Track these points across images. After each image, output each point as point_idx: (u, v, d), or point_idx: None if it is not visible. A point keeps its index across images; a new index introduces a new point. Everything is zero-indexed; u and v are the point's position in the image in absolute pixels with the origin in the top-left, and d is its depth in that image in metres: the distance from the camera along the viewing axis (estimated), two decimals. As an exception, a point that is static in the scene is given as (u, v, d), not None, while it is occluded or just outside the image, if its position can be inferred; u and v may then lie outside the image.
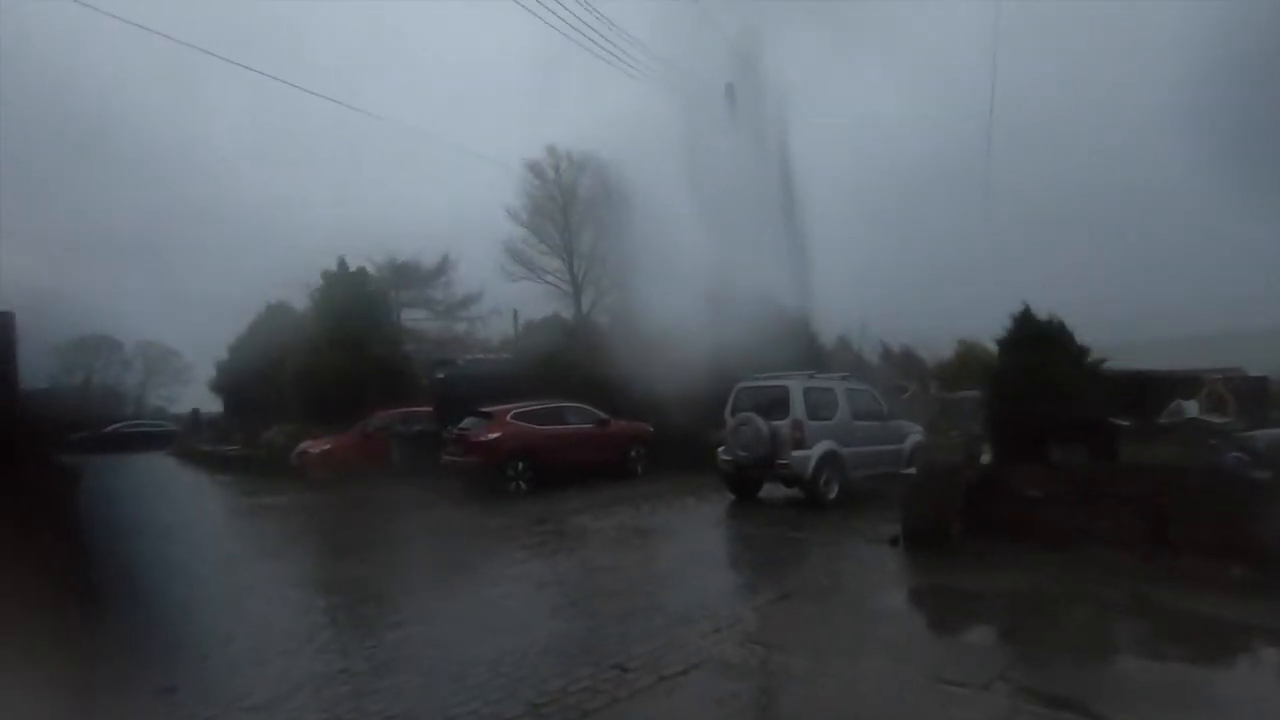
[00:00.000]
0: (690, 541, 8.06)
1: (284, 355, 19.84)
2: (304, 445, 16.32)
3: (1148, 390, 8.42)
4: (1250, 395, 8.37)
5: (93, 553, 5.63)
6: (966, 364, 21.04)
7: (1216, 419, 7.61)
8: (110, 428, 32.78)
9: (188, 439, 28.17)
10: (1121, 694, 3.75)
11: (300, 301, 22.36)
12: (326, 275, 20.29)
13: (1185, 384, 8.48)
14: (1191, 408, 8.04)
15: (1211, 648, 4.50)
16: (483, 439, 12.03)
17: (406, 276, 27.31)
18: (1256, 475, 6.19)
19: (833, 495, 9.54)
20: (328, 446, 15.99)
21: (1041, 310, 7.93)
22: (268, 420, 19.65)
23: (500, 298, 27.40)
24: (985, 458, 7.69)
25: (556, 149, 27.67)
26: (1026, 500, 6.89)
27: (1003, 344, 7.84)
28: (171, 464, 24.59)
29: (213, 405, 29.50)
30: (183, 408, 36.54)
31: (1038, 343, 7.67)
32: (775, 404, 9.77)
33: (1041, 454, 7.33)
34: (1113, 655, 4.43)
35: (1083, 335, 7.86)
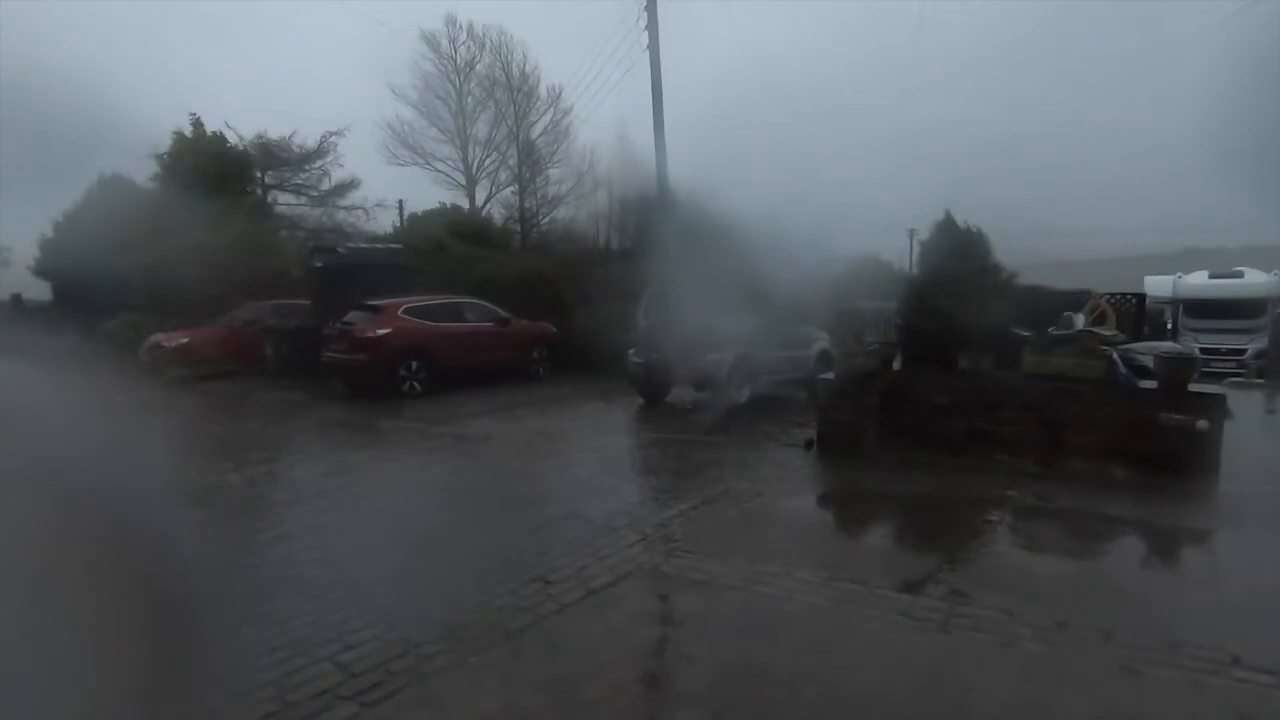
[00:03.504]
0: (603, 446, 7.73)
1: (127, 234, 17.11)
2: (156, 338, 14.40)
3: (1044, 304, 8.74)
4: (1129, 311, 8.97)
5: None
6: (862, 275, 21.65)
7: (1104, 330, 8.05)
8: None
9: (9, 328, 24.43)
10: (1048, 592, 3.81)
11: (142, 175, 19.13)
12: (178, 137, 17.40)
13: (1076, 299, 8.90)
14: (1079, 320, 8.43)
15: (1116, 543, 4.75)
16: (371, 335, 10.97)
17: (274, 156, 23.90)
18: (1142, 385, 6.56)
19: (743, 399, 9.50)
20: (185, 340, 14.17)
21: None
22: (109, 309, 17.13)
23: (381, 187, 24.65)
24: (897, 365, 7.75)
25: (457, 19, 24.80)
26: (935, 406, 7.02)
27: (924, 250, 7.78)
28: (-9, 357, 21.36)
29: (39, 292, 25.50)
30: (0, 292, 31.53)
31: (956, 252, 7.66)
32: (690, 306, 9.41)
33: (951, 362, 7.47)
34: (1034, 553, 4.56)
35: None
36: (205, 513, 5.60)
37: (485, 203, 25.34)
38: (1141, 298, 9.44)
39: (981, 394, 6.90)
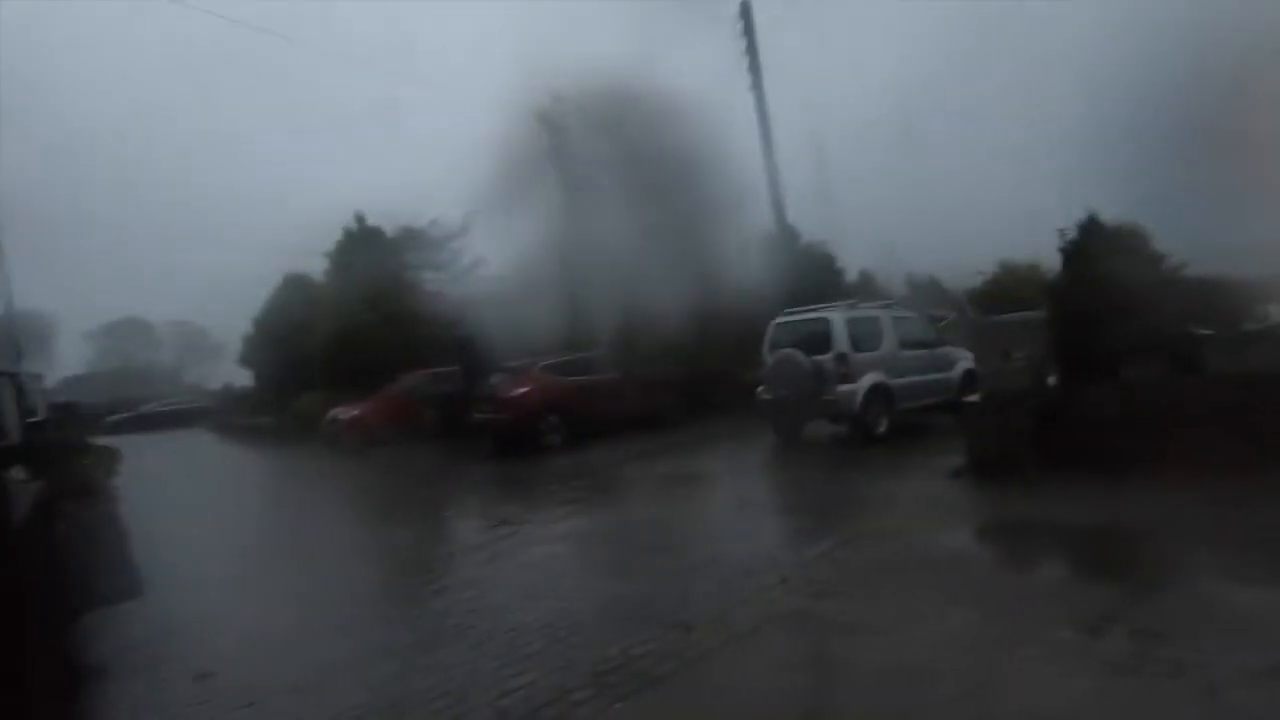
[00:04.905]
0: (739, 487, 7.69)
1: (308, 322, 19.71)
2: (334, 412, 16.23)
3: (1225, 297, 7.73)
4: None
5: (129, 532, 5.43)
6: (1004, 285, 20.16)
7: (1309, 322, 6.98)
8: (147, 407, 33.37)
9: (222, 414, 28.49)
10: (1259, 630, 3.31)
11: (316, 270, 22.08)
12: (347, 233, 20.08)
13: (1268, 288, 7.77)
14: (1277, 312, 7.36)
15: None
16: (513, 394, 11.73)
17: (417, 240, 26.68)
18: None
19: (882, 429, 9.09)
20: (357, 413, 15.87)
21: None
22: (297, 390, 19.62)
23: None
24: (1053, 380, 7.13)
25: (561, 95, 26.61)
26: (1101, 423, 6.35)
27: (1067, 256, 7.19)
28: (208, 439, 24.88)
29: (244, 379, 29.73)
30: (217, 384, 37.06)
31: (1106, 252, 7.02)
32: (816, 338, 9.24)
33: (1114, 372, 6.78)
34: (1237, 584, 3.97)
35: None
36: (374, 568, 6.19)
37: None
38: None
39: (1156, 404, 6.19)
